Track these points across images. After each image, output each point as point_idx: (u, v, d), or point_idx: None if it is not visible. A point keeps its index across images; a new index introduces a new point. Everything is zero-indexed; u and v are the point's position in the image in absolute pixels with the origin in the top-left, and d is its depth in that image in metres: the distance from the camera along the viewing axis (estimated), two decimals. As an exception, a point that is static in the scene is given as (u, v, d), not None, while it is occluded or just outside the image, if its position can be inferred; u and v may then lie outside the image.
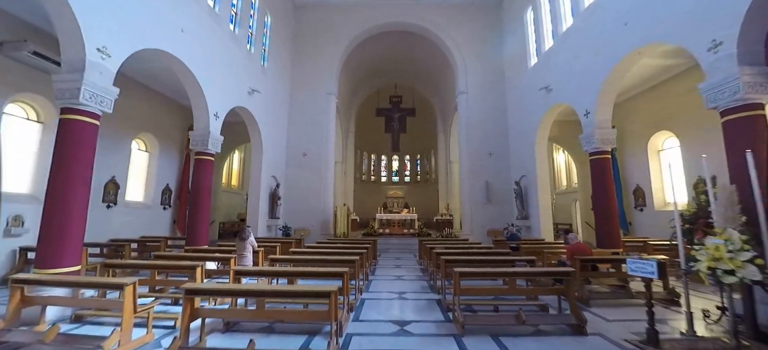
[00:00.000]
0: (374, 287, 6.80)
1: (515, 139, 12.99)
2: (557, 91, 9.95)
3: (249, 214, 11.49)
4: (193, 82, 8.00)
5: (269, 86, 12.43)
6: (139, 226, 10.61)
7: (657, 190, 10.37)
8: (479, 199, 13.26)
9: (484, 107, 13.94)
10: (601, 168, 8.02)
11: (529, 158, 11.73)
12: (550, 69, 10.44)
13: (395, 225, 16.11)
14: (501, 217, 12.96)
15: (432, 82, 19.92)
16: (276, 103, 13.10)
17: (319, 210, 13.49)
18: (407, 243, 13.29)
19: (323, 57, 14.65)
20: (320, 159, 13.94)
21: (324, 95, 14.45)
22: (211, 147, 8.54)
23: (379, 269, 8.95)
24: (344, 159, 20.08)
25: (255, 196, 11.50)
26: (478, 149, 13.60)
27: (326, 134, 14.17)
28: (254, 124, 11.40)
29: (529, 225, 11.80)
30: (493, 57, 14.25)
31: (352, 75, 18.68)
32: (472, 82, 14.14)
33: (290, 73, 14.56)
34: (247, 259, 6.44)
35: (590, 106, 8.21)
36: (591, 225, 13.34)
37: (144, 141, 11.30)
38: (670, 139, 10.10)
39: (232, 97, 9.72)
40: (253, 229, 11.35)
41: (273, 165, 12.71)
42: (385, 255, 11.74)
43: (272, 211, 12.38)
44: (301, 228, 12.97)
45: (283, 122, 13.80)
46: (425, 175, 25.41)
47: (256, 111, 11.29)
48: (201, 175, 8.45)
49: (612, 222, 7.71)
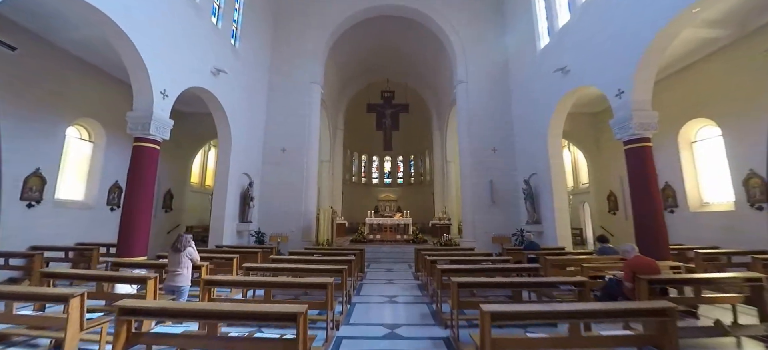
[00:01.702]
0: (358, 316, 5.09)
1: (523, 132, 11.50)
2: (576, 72, 8.49)
3: (213, 218, 9.67)
4: (128, 47, 6.25)
5: (242, 70, 10.71)
6: (75, 231, 8.68)
7: (692, 188, 8.95)
8: (483, 201, 11.69)
9: (486, 97, 12.46)
10: (641, 159, 6.52)
11: (540, 153, 10.23)
12: (565, 48, 9.01)
13: (387, 230, 14.43)
14: (507, 222, 11.41)
15: (426, 77, 18.47)
16: (251, 91, 11.36)
17: (299, 213, 11.72)
18: (401, 251, 11.61)
19: (307, 41, 13.02)
20: (302, 155, 12.21)
21: (307, 84, 12.78)
22: (155, 132, 6.76)
23: (366, 285, 7.24)
24: (332, 158, 18.38)
25: (221, 197, 9.69)
26: (480, 144, 12.07)
27: (309, 127, 12.47)
28: (221, 112, 9.65)
29: (541, 230, 10.25)
30: (495, 41, 12.83)
31: (340, 69, 17.11)
32: (472, 70, 12.67)
33: (269, 59, 12.86)
34: (184, 277, 4.67)
35: (624, 84, 6.74)
36: (607, 229, 11.93)
37: (86, 128, 9.41)
38: (707, 127, 8.72)
39: (188, 74, 7.97)
40: (217, 236, 9.62)
41: (246, 160, 10.93)
42: (376, 266, 10.02)
43: (243, 214, 10.57)
44: (279, 235, 11.17)
45: (259, 112, 12.05)
46: (419, 176, 23.85)
47: (224, 96, 9.55)
48: (140, 167, 6.65)
49: (658, 226, 6.17)
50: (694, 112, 8.75)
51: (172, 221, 12.39)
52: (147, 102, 6.72)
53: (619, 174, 11.35)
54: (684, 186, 9.02)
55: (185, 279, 4.68)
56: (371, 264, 10.26)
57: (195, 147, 13.61)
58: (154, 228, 11.19)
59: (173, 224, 12.42)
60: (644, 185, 6.45)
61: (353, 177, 23.39)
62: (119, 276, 4.22)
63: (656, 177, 6.57)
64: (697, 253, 6.75)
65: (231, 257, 6.10)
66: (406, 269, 9.50)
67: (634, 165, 6.63)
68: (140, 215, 6.58)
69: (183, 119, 12.99)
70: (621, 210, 11.43)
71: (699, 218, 8.66)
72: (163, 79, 7.04)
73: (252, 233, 10.75)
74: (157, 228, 11.44)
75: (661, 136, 9.46)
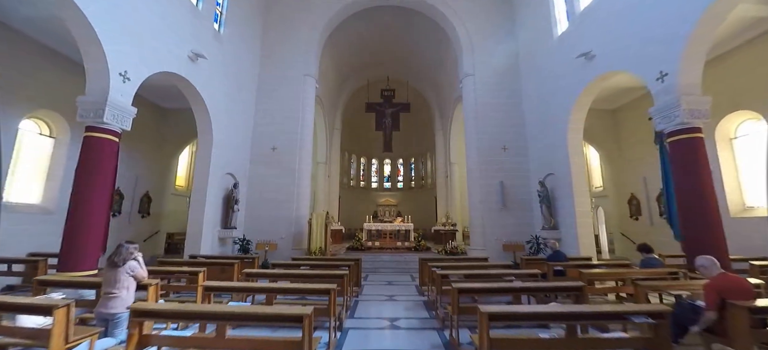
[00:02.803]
0: (353, 344, 3.97)
1: (536, 128, 10.47)
2: (603, 56, 7.48)
3: (190, 224, 8.54)
4: (76, 16, 5.21)
5: (226, 58, 9.68)
6: (31, 238, 7.53)
7: (732, 191, 7.89)
8: (492, 205, 10.60)
9: (495, 92, 11.45)
10: (691, 153, 5.48)
11: (558, 150, 9.18)
12: (588, 31, 8.02)
13: (387, 236, 13.30)
14: (520, 228, 10.31)
15: (428, 74, 17.52)
16: (238, 82, 10.32)
17: (290, 219, 10.60)
18: (402, 260, 10.47)
19: (301, 30, 12.04)
20: (294, 155, 11.13)
21: (300, 77, 11.76)
22: (111, 120, 5.68)
23: (363, 303, 6.10)
24: (328, 159, 17.32)
25: (199, 199, 8.58)
26: (489, 143, 11.02)
27: (302, 124, 11.41)
28: (200, 103, 8.59)
29: (558, 236, 9.15)
30: (504, 31, 11.88)
31: (338, 66, 16.16)
32: (480, 62, 11.68)
33: (260, 48, 11.85)
34: (120, 301, 3.55)
35: (668, 64, 5.72)
36: (629, 237, 10.85)
37: (46, 122, 8.32)
38: (750, 121, 7.70)
39: (159, 56, 6.92)
40: (194, 244, 8.45)
41: (231, 159, 9.84)
42: (374, 278, 8.88)
43: (227, 220, 9.44)
44: (266, 242, 10.03)
45: (247, 106, 10.99)
46: (420, 180, 22.77)
47: (204, 85, 8.50)
48: (91, 162, 5.55)
49: (715, 235, 5.10)
50: (734, 104, 7.73)
51: (150, 227, 11.24)
52: (102, 84, 5.65)
53: (643, 174, 10.32)
54: (724, 188, 7.95)
55: (122, 303, 3.54)
56: (369, 275, 9.12)
57: (179, 146, 12.52)
58: (128, 236, 10.09)
59: (152, 230, 11.27)
60: (695, 185, 5.39)
61: (351, 181, 22.29)
62: (17, 303, 3.04)
63: (711, 174, 5.49)
64: (752, 265, 5.67)
65: (196, 271, 4.96)
66: (409, 281, 8.37)
67: (682, 160, 5.59)
68: (91, 220, 5.47)
69: (165, 116, 11.98)
70: (645, 215, 10.35)
71: (744, 225, 7.58)
72: (125, 58, 5.98)
73: (236, 240, 9.61)
74: (131, 235, 10.28)
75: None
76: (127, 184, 10.20)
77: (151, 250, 11.13)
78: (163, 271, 5.07)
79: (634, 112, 10.71)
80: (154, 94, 10.77)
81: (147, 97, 10.90)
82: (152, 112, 11.37)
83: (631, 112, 10.91)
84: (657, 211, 9.77)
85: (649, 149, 9.98)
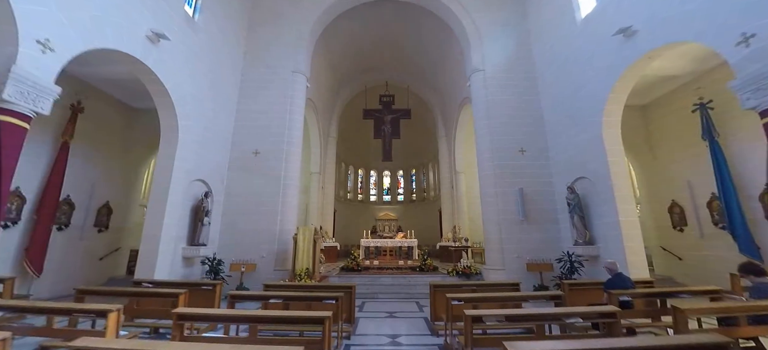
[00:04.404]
0: None
1: (560, 126, 9.06)
2: (650, 30, 6.15)
3: (144, 240, 6.93)
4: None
5: (201, 48, 8.38)
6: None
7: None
8: (510, 216, 9.04)
9: (508, 88, 10.14)
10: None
11: (590, 150, 7.74)
12: (626, 4, 6.74)
13: (387, 254, 11.64)
14: (545, 243, 8.73)
15: (430, 76, 16.37)
16: (214, 77, 8.97)
17: (273, 234, 9.00)
18: (406, 284, 8.79)
19: (290, 21, 10.87)
20: (280, 161, 9.66)
21: (289, 74, 10.46)
22: (16, 98, 4.21)
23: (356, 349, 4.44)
24: (323, 169, 15.83)
25: (158, 210, 7.01)
26: (503, 145, 9.60)
27: (290, 126, 10.00)
28: (164, 96, 7.19)
29: (594, 253, 7.58)
30: (515, 21, 10.73)
31: (334, 69, 15.02)
32: (490, 56, 10.43)
33: (244, 41, 10.62)
34: None
35: (752, 23, 4.35)
36: (672, 251, 9.24)
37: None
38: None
39: (102, 28, 5.54)
40: (148, 265, 6.78)
41: (203, 164, 8.35)
42: (372, 307, 7.20)
43: (194, 235, 7.83)
44: (243, 262, 8.38)
45: (226, 105, 9.60)
46: (422, 192, 21.23)
47: (169, 74, 7.13)
48: (-19, 153, 4.03)
49: None
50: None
51: (109, 243, 9.55)
52: (7, 49, 4.21)
53: (686, 178, 8.83)
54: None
55: None
56: (366, 303, 7.44)
57: (150, 150, 10.96)
58: (78, 254, 8.46)
59: (111, 247, 9.58)
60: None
61: (348, 194, 20.71)
62: None
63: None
64: None
65: (106, 311, 3.34)
66: (416, 312, 6.69)
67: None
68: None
69: (134, 117, 10.52)
70: (692, 226, 8.77)
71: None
72: (46, 20, 4.59)
73: (204, 260, 7.94)
74: (83, 253, 8.65)
75: (751, 125, 6.93)
76: (81, 192, 8.63)
77: (109, 271, 9.45)
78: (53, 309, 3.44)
79: (669, 106, 9.38)
80: (121, 91, 9.39)
81: (112, 94, 9.54)
82: (118, 112, 9.95)
83: (664, 106, 9.57)
84: (709, 220, 8.23)
85: (693, 148, 8.59)
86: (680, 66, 8.08)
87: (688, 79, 8.69)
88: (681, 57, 7.57)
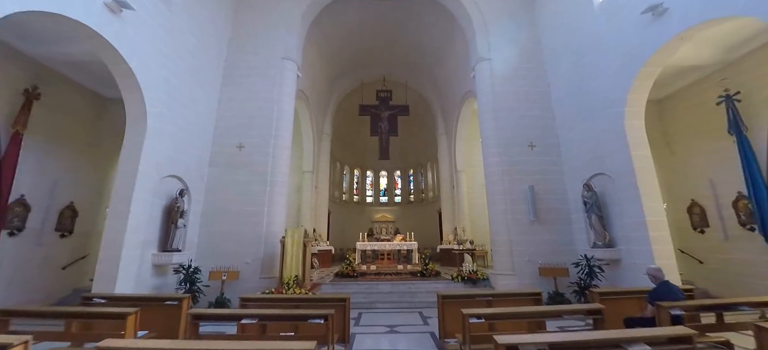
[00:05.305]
0: None
1: (573, 119, 8.34)
2: (686, 6, 5.44)
3: (105, 245, 5.96)
4: None
5: (177, 27, 7.48)
6: None
7: None
8: (520, 217, 8.28)
9: (515, 78, 9.41)
10: None
11: (609, 143, 7.02)
12: (653, -18, 6.04)
13: (385, 258, 10.79)
14: (558, 245, 7.98)
15: (429, 70, 15.64)
16: (192, 61, 8.05)
17: (258, 237, 8.08)
18: (407, 291, 7.94)
19: (281, 6, 9.98)
20: (267, 155, 8.77)
21: (278, 60, 9.59)
22: None
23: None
24: (316, 168, 14.92)
25: (120, 211, 6.06)
26: (511, 140, 8.85)
27: (278, 117, 9.12)
28: (129, 77, 6.24)
29: (616, 257, 6.85)
30: (524, 7, 10.00)
31: (328, 62, 14.17)
32: (496, 44, 9.70)
33: (231, 23, 9.73)
34: None
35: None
36: (692, 254, 8.57)
37: None
38: None
39: (45, -9, 4.60)
40: (109, 276, 5.80)
41: (178, 158, 7.42)
42: (369, 319, 6.34)
43: (167, 240, 6.88)
44: (224, 269, 7.43)
45: (206, 94, 8.67)
46: (420, 193, 20.43)
47: (134, 52, 6.20)
48: None
49: None
50: None
51: (74, 250, 8.49)
52: None
53: (708, 176, 8.17)
54: None
55: None
56: (363, 314, 6.58)
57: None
58: (36, 262, 7.42)
59: (77, 255, 8.52)
60: None
61: (343, 195, 19.80)
62: None
63: None
64: None
65: (7, 345, 2.43)
66: (420, 325, 5.85)
67: None
68: None
69: (104, 106, 9.45)
70: (715, 227, 8.10)
71: None
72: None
73: (178, 268, 6.97)
74: (42, 262, 7.60)
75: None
76: (39, 192, 7.59)
77: (74, 281, 8.38)
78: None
79: (689, 100, 8.71)
80: (88, 77, 8.36)
81: (77, 80, 8.51)
82: (86, 100, 8.91)
83: (683, 100, 8.91)
84: (735, 220, 7.57)
85: (715, 143, 7.94)
86: (704, 55, 7.42)
87: (710, 70, 8.05)
88: (707, 43, 6.91)
